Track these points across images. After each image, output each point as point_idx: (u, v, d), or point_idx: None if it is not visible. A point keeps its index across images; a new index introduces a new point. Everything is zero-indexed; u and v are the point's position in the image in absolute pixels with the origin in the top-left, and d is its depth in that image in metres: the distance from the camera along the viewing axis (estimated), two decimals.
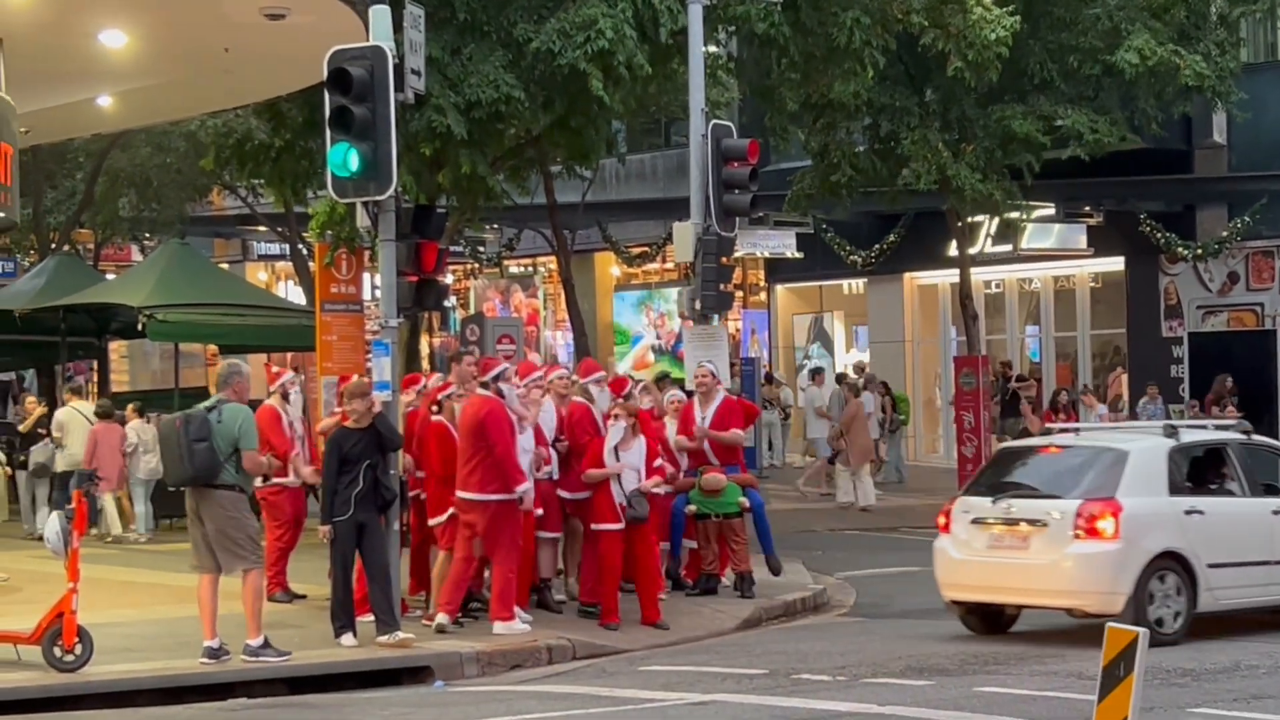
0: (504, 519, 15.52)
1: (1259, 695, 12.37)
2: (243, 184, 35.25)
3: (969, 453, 30.50)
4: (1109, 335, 35.41)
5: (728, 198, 21.90)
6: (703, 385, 18.64)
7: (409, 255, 15.84)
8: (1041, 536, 15.35)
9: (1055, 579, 15.28)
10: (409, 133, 20.10)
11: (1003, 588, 15.70)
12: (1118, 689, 7.08)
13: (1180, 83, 27.70)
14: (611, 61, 21.05)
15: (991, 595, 15.94)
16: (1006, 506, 15.66)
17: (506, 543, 15.54)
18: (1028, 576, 15.42)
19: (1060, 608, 15.68)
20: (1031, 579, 15.40)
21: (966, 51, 25.92)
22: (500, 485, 15.44)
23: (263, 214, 39.01)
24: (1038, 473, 16.33)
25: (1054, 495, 15.63)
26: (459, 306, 45.83)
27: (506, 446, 15.44)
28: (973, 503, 16.04)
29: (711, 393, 18.62)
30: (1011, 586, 15.61)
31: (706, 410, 18.45)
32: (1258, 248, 32.15)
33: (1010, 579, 15.54)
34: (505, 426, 15.50)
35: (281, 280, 50.04)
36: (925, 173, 28.22)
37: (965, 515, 15.95)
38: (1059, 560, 15.23)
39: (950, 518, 16.13)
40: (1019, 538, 15.53)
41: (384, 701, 13.30)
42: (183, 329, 26.27)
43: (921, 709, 12.13)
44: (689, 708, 12.57)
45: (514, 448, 15.52)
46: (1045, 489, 15.89)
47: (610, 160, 33.28)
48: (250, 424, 14.27)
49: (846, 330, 40.61)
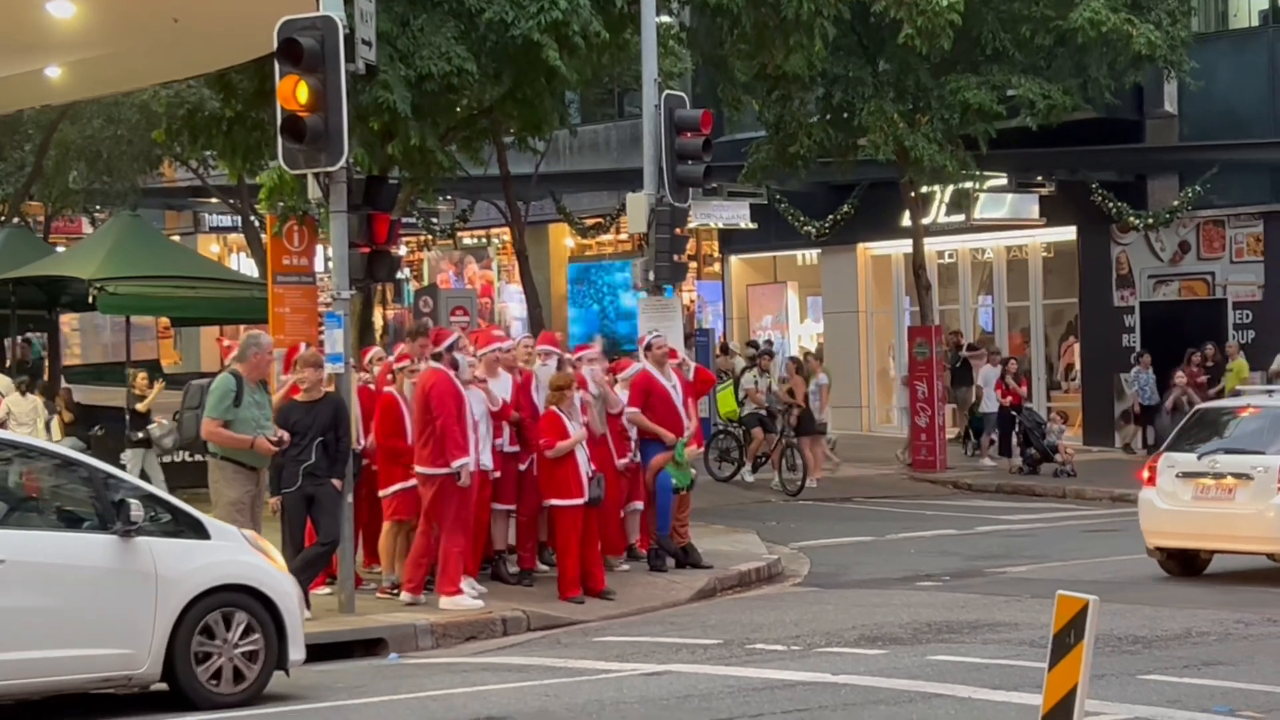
0: (449, 492, 15.46)
1: (1210, 662, 12.45)
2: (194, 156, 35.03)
3: (923, 423, 30.60)
4: (1061, 305, 35.54)
5: (681, 169, 21.88)
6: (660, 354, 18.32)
7: (360, 227, 15.75)
8: (1246, 489, 16.99)
9: (1260, 527, 16.87)
10: (359, 106, 20.01)
11: (1207, 535, 17.37)
12: (1068, 656, 7.11)
13: (1132, 51, 27.79)
14: (566, 31, 20.98)
15: (1195, 542, 17.59)
16: (1211, 461, 17.25)
17: (452, 516, 15.49)
18: (1233, 525, 17.07)
19: (1263, 553, 17.34)
20: (1236, 527, 17.04)
21: (918, 19, 25.94)
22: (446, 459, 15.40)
23: (214, 186, 38.84)
24: (1238, 431, 17.93)
25: (1257, 451, 17.19)
26: (413, 278, 45.73)
27: (448, 419, 15.34)
28: (1177, 458, 17.66)
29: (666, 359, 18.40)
30: (1216, 534, 17.29)
31: (671, 379, 18.20)
32: (1208, 217, 32.29)
33: (1214, 527, 17.22)
34: (449, 399, 15.42)
35: (234, 252, 49.86)
36: (883, 144, 28.25)
37: (1170, 470, 17.60)
38: (1263, 510, 16.82)
39: (1155, 472, 17.75)
40: (1225, 490, 17.17)
41: (338, 674, 13.27)
42: (134, 301, 26.12)
43: (875, 678, 12.17)
44: (643, 678, 12.59)
45: (455, 421, 15.43)
46: (1248, 446, 17.43)
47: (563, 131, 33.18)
48: (213, 393, 14.35)
49: (801, 301, 40.65)
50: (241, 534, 12.56)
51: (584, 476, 16.21)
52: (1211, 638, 13.62)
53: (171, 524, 12.00)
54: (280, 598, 12.15)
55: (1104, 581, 17.09)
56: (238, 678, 11.90)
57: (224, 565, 12.01)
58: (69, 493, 12.13)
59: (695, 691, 11.89)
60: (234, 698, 11.84)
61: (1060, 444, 29.26)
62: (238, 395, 14.37)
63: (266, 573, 12.25)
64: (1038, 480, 28.67)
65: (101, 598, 11.57)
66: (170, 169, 42.94)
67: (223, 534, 12.32)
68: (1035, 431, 29.50)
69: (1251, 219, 31.94)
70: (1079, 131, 31.10)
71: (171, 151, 35.08)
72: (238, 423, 14.37)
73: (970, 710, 11.02)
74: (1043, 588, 15.87)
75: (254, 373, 14.59)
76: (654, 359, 18.31)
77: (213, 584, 11.88)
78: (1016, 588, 16.94)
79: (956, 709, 11.06)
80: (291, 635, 12.16)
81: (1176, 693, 11.31)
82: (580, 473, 16.20)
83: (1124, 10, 27.72)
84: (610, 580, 16.85)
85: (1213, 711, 10.65)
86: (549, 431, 16.22)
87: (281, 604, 12.12)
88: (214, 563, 11.97)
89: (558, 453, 16.10)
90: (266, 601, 12.04)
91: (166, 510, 12.07)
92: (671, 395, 18.14)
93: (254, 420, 14.43)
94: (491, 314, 44.33)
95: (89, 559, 11.59)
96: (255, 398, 14.56)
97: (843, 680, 12.11)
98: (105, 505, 11.72)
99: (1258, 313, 31.60)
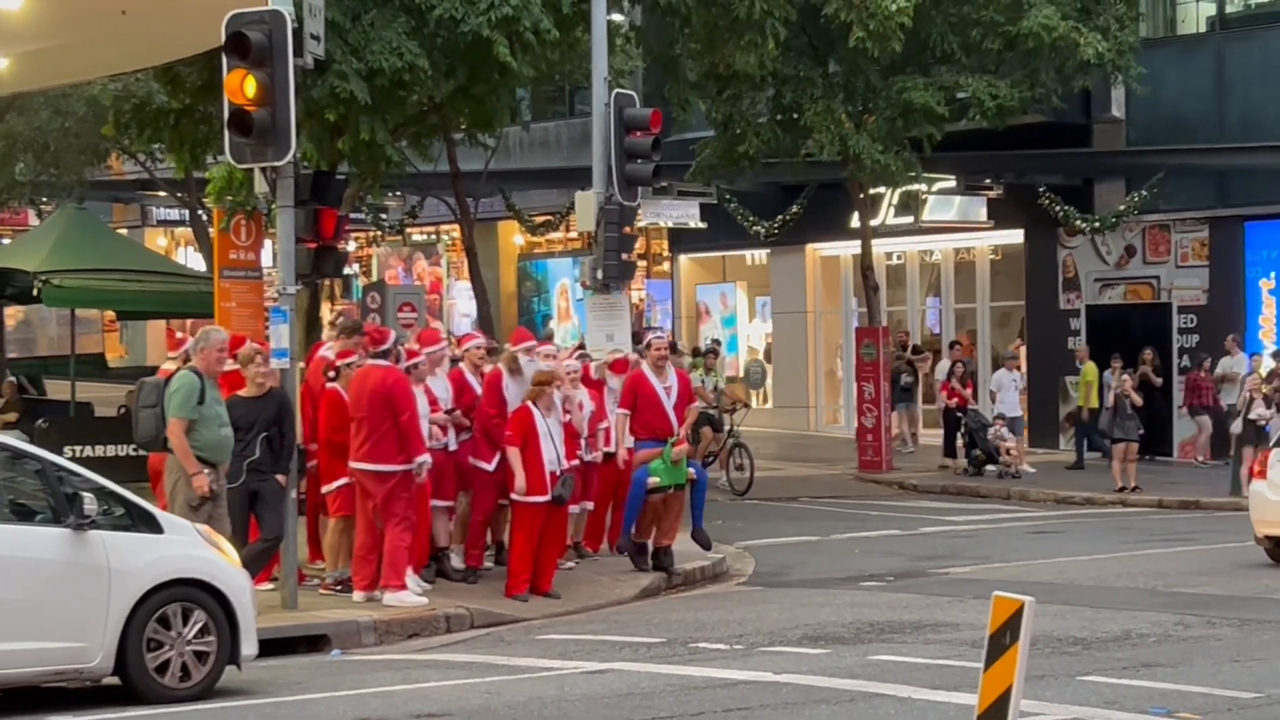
0: (403, 490, 15.49)
1: (1149, 664, 12.53)
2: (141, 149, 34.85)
3: (869, 423, 30.70)
4: (1008, 307, 35.71)
5: (630, 167, 21.89)
6: (661, 355, 18.13)
7: (307, 222, 15.71)
8: None
9: None
10: (311, 99, 19.95)
11: None
12: (1004, 657, 7.15)
13: (1080, 57, 27.95)
14: (517, 28, 20.97)
15: None
16: None
17: (401, 513, 15.50)
18: None
19: None
20: None
21: (868, 22, 26.04)
22: (404, 457, 15.40)
23: (162, 179, 38.62)
24: None
25: None
26: (361, 274, 45.58)
27: (413, 416, 15.40)
28: None
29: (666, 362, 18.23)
30: None
31: (667, 380, 18.01)
32: (1154, 221, 32.50)
33: None
34: (410, 396, 15.50)
35: (181, 246, 49.60)
36: (828, 143, 28.34)
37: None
38: None
39: (1266, 466, 18.71)
40: None
41: (280, 670, 13.25)
42: (79, 294, 25.95)
43: (816, 677, 12.21)
44: (585, 676, 12.60)
45: (418, 418, 15.48)
46: None
47: (514, 129, 33.19)
48: (178, 392, 14.22)
49: (749, 301, 40.73)
50: (195, 528, 12.54)
51: (548, 474, 16.20)
52: (1151, 639, 13.71)
53: (125, 518, 11.98)
54: (233, 592, 12.14)
55: (1046, 583, 17.17)
56: (189, 673, 11.88)
57: (177, 559, 11.99)
58: (21, 485, 12.06)
59: (637, 690, 11.91)
60: (185, 692, 11.83)
61: (1006, 446, 29.37)
62: (201, 393, 14.33)
63: (220, 567, 12.23)
64: (983, 481, 28.82)
65: (54, 591, 11.54)
66: (118, 162, 42.69)
67: (176, 528, 12.30)
68: (980, 433, 29.62)
69: (1197, 224, 32.17)
70: (1027, 135, 31.27)
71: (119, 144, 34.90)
72: (202, 420, 14.25)
73: (910, 710, 11.06)
74: (985, 589, 15.85)
75: (205, 368, 14.53)
76: (651, 360, 18.15)
77: (166, 578, 11.85)
78: (959, 588, 17.02)
79: (896, 708, 11.11)
80: (244, 630, 12.16)
81: (1115, 694, 11.38)
82: (544, 470, 16.19)
83: (1073, 17, 27.88)
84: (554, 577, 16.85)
85: (1150, 713, 10.72)
86: (514, 426, 16.22)
87: (234, 598, 12.11)
88: (167, 557, 11.95)
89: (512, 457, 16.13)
90: (219, 596, 12.02)
91: (120, 504, 12.04)
92: (661, 398, 17.84)
93: (217, 418, 14.36)
94: (440, 311, 44.25)
95: (41, 552, 11.55)
96: (214, 394, 14.50)
97: (784, 679, 12.15)
98: (58, 498, 11.68)
99: (1202, 317, 31.83)
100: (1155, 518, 24.65)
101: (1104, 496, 26.66)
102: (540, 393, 16.29)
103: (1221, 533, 22.10)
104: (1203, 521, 23.90)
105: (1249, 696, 11.18)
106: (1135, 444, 27.18)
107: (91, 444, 23.63)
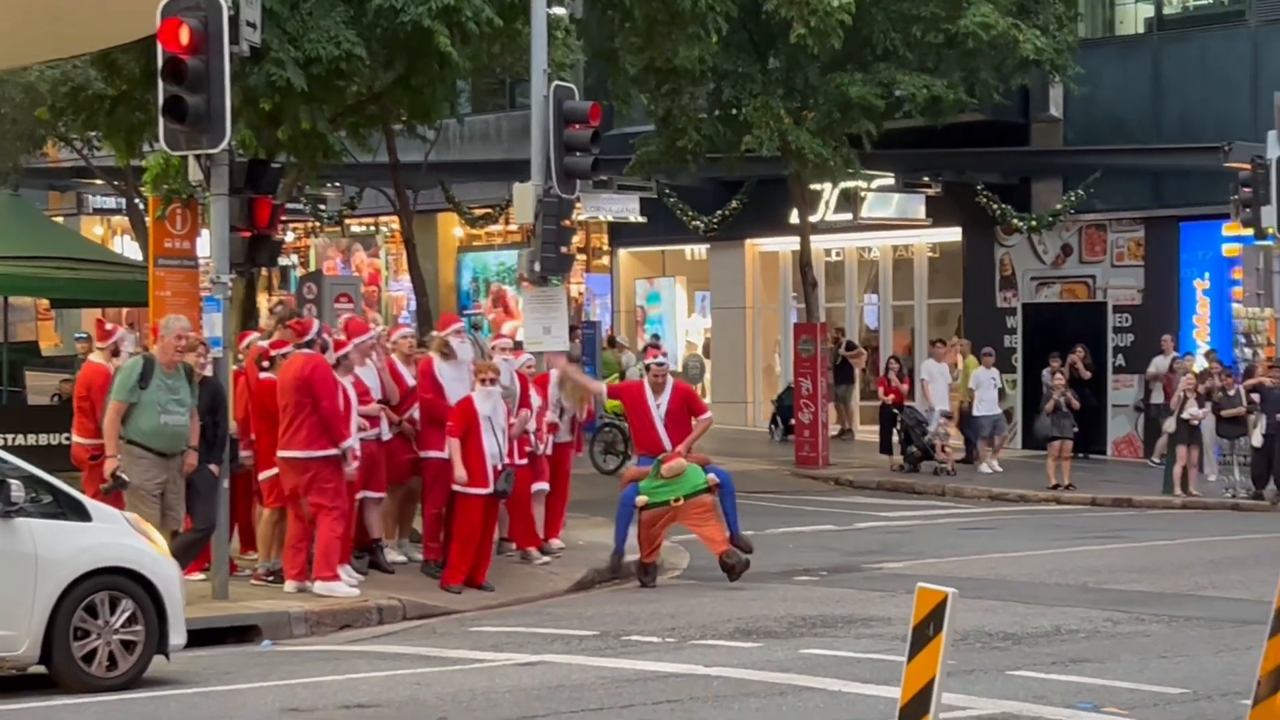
0: (326, 477, 15.40)
1: (1077, 659, 12.60)
2: (78, 135, 34.59)
3: (806, 419, 30.77)
4: (946, 305, 35.86)
5: (569, 160, 21.81)
6: (659, 378, 17.99)
7: (242, 210, 15.65)
8: None
9: None
10: (248, 87, 19.83)
11: None
12: (927, 648, 7.18)
13: (1020, 55, 28.08)
14: (458, 18, 20.89)
15: None
16: None
17: (330, 501, 15.43)
18: None
19: None
20: None
21: (809, 18, 26.08)
22: (325, 442, 15.33)
23: (99, 167, 38.33)
24: None
25: None
26: (299, 265, 45.38)
27: (332, 402, 15.33)
28: None
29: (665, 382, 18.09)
30: None
31: (661, 398, 17.85)
32: (1090, 221, 32.69)
33: None
34: (331, 383, 15.41)
35: (118, 235, 49.25)
36: (768, 138, 28.37)
37: None
38: None
39: None
40: None
41: (210, 660, 13.17)
42: (12, 282, 25.77)
43: (748, 670, 12.23)
44: (517, 668, 12.58)
45: (339, 404, 15.39)
46: None
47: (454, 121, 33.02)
48: (119, 374, 14.44)
49: (688, 296, 40.76)
50: (124, 516, 12.46)
51: (490, 468, 16.15)
52: (1080, 635, 13.79)
53: (52, 505, 11.90)
54: (162, 581, 12.07)
55: (978, 579, 17.26)
56: (116, 662, 11.81)
57: (105, 548, 11.91)
58: None
59: (568, 682, 11.90)
60: (112, 682, 11.77)
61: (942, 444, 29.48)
62: (144, 377, 14.25)
63: (148, 555, 12.16)
64: (918, 478, 28.91)
65: None
66: (54, 149, 42.34)
67: (104, 516, 12.22)
68: (916, 429, 29.72)
69: (1132, 224, 32.37)
70: (965, 133, 31.41)
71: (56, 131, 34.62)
72: (141, 405, 14.26)
73: (840, 703, 11.09)
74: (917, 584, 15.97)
75: (162, 356, 14.49)
76: (651, 381, 18.08)
77: (93, 566, 11.78)
78: (892, 583, 17.06)
79: (826, 701, 11.14)
80: (173, 619, 12.10)
81: (1043, 689, 11.43)
82: (486, 462, 16.15)
83: (1012, 15, 28.01)
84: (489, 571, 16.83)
85: (1078, 708, 10.78)
86: (456, 417, 16.19)
87: (163, 587, 12.05)
88: (95, 545, 11.87)
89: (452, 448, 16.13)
90: (148, 585, 11.95)
91: (48, 491, 11.95)
92: (652, 415, 17.72)
93: (158, 404, 14.32)
94: (379, 302, 44.10)
95: None
96: (168, 382, 14.43)
97: (715, 672, 12.16)
98: None
99: (1137, 316, 32.03)
100: (1088, 515, 24.80)
101: (1038, 494, 26.80)
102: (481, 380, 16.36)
103: (1153, 530, 22.28)
104: (1135, 519, 24.07)
105: (1176, 692, 11.25)
106: (1070, 442, 27.35)
107: (24, 432, 23.46)
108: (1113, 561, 18.93)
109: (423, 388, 16.93)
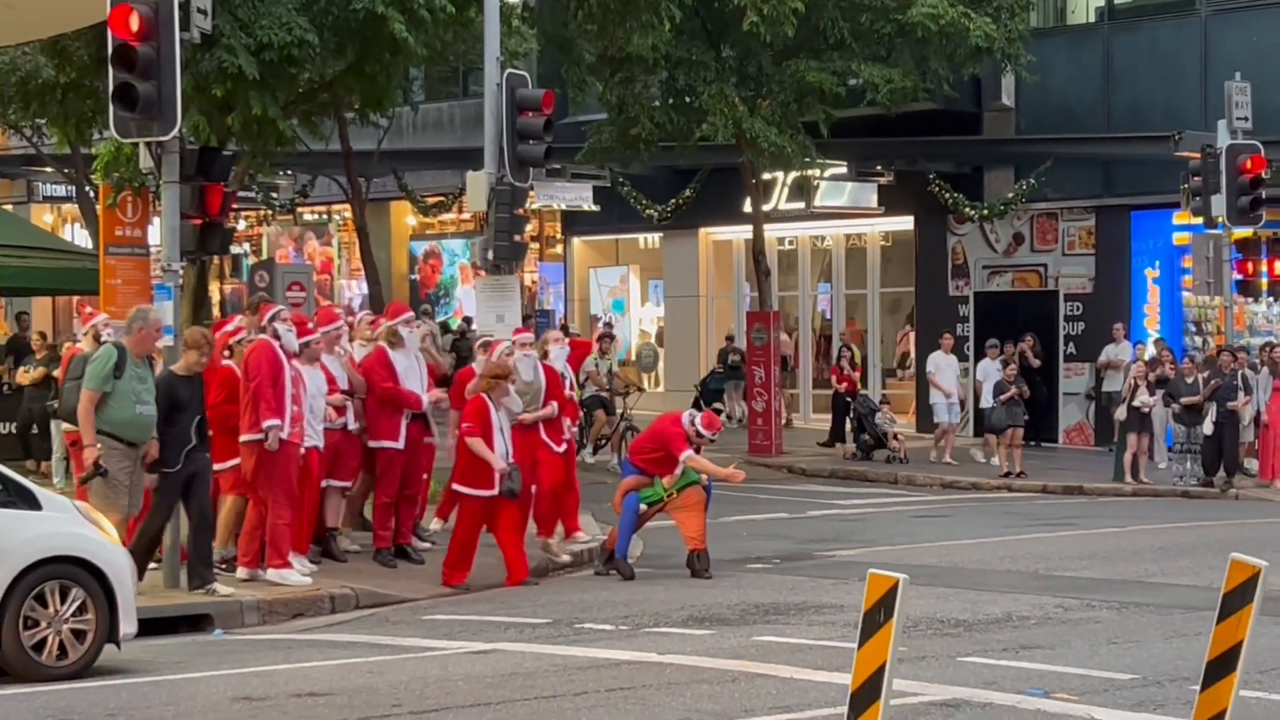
0: (270, 460, 15.32)
1: (1028, 645, 12.66)
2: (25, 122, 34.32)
3: (759, 407, 30.83)
4: (899, 293, 35.96)
5: (522, 148, 21.78)
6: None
7: (193, 198, 15.61)
8: None
9: None
10: (200, 73, 19.75)
11: None
12: (878, 634, 7.21)
13: (971, 44, 28.18)
14: (411, 4, 20.85)
15: None
16: None
17: (277, 485, 15.37)
18: None
19: None
20: None
21: (762, 6, 26.12)
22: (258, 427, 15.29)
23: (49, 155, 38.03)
24: None
25: None
26: (251, 253, 45.21)
27: (262, 382, 15.23)
28: None
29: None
30: None
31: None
32: (1042, 210, 32.83)
33: None
34: (264, 364, 15.31)
35: (68, 223, 48.91)
36: (722, 126, 28.40)
37: None
38: None
39: None
40: None
41: (161, 649, 13.13)
42: None
43: (700, 657, 12.26)
44: (469, 656, 12.58)
45: (270, 385, 15.26)
46: None
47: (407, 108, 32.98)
48: (93, 363, 14.29)
49: (642, 284, 40.77)
50: (75, 505, 12.40)
51: (498, 469, 16.06)
52: (1031, 622, 13.86)
53: (2, 494, 11.82)
54: (112, 570, 12.02)
55: (930, 566, 17.34)
56: (67, 651, 11.76)
57: (55, 537, 11.86)
58: None
59: (521, 670, 11.90)
60: (62, 671, 11.71)
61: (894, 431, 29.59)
62: (119, 367, 14.17)
63: (99, 544, 12.11)
64: (870, 466, 29.00)
65: None
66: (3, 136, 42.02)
67: (55, 505, 12.16)
68: (869, 418, 29.81)
69: (1084, 212, 32.53)
70: (918, 122, 31.48)
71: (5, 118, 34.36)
72: (115, 395, 14.16)
73: (792, 690, 11.12)
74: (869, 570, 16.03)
75: (138, 347, 14.39)
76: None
77: (43, 555, 11.73)
78: (844, 571, 17.11)
79: (778, 688, 11.16)
80: (123, 608, 12.05)
81: (994, 675, 11.48)
82: (494, 465, 16.06)
83: (963, 3, 28.09)
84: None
85: (1027, 693, 10.83)
86: (472, 417, 16.13)
87: (113, 576, 12.00)
88: (45, 534, 11.81)
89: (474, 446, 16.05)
90: (98, 574, 11.90)
91: None
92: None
93: (132, 394, 14.22)
94: (331, 291, 43.96)
95: None
96: (138, 372, 14.35)
97: (668, 660, 12.18)
98: None
99: (1088, 305, 32.19)
100: (1039, 503, 24.92)
101: (989, 481, 26.92)
102: (493, 385, 16.21)
103: (1103, 518, 22.41)
104: (1086, 507, 24.19)
105: (1125, 678, 11.32)
106: (1020, 430, 27.48)
107: None
108: (1064, 548, 19.03)
109: (380, 376, 16.90)
